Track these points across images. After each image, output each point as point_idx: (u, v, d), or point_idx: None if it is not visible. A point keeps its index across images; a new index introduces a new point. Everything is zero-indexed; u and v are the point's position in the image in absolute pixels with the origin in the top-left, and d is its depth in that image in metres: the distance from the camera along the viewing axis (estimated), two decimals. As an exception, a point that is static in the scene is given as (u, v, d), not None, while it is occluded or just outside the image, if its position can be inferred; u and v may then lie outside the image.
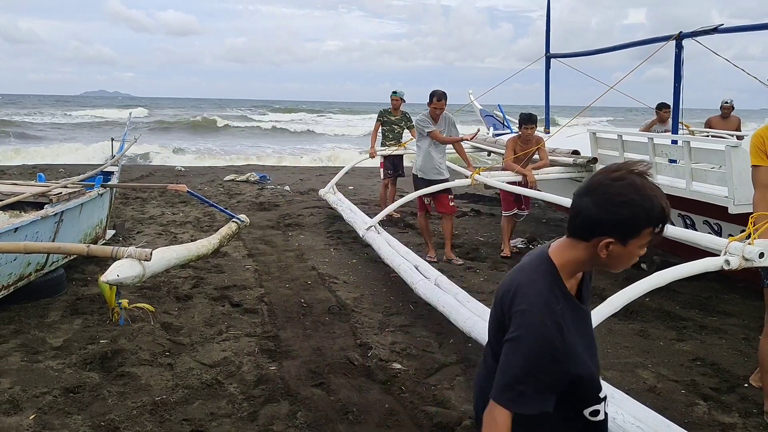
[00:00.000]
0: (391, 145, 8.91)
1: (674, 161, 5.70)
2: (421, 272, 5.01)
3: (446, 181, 6.53)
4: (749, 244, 2.77)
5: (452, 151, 6.98)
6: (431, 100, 6.38)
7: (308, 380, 3.66)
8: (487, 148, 9.45)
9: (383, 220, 6.99)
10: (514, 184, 6.45)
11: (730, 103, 9.29)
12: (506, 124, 10.68)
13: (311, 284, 5.63)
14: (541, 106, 10.03)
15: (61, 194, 5.34)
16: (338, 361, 3.93)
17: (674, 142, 5.84)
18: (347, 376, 3.74)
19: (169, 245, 5.48)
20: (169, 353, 3.99)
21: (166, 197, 10.23)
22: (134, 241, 7.09)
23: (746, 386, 3.65)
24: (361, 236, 6.65)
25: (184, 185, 6.15)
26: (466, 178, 6.73)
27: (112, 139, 7.63)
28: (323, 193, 9.21)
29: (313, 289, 5.50)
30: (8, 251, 3.91)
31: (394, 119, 8.96)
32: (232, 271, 6.00)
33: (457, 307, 4.13)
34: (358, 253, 6.84)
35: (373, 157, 8.96)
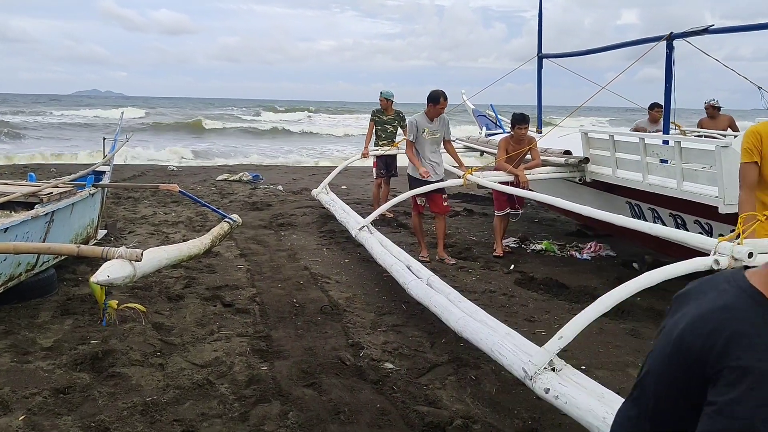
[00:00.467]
0: (384, 144, 8.91)
1: (665, 161, 5.73)
2: (413, 272, 5.02)
3: (440, 181, 6.54)
4: (738, 243, 2.78)
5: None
6: (438, 100, 6.37)
7: (300, 380, 3.65)
8: (479, 147, 9.47)
9: (376, 219, 6.99)
10: (506, 184, 6.47)
11: (709, 102, 9.33)
12: (498, 124, 10.70)
13: (303, 284, 5.62)
14: (534, 106, 10.04)
15: (51, 194, 5.31)
16: (330, 361, 3.93)
17: (665, 142, 5.87)
18: (339, 376, 3.73)
19: (160, 245, 5.47)
20: (160, 353, 3.98)
21: (158, 197, 10.20)
22: (126, 241, 7.07)
23: (736, 385, 3.66)
24: (353, 236, 6.65)
25: (176, 185, 6.13)
26: (458, 178, 6.74)
27: (103, 138, 7.60)
28: (316, 193, 9.20)
29: (305, 288, 5.49)
30: (-2, 251, 3.89)
31: (386, 118, 8.96)
32: (224, 271, 5.99)
33: (449, 306, 4.14)
34: (350, 252, 6.84)
35: (366, 157, 8.97)
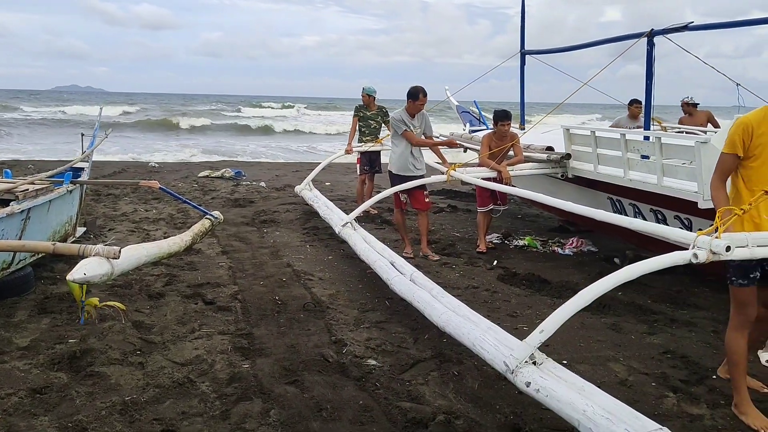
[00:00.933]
0: (367, 140, 8.89)
1: (647, 157, 5.77)
2: (397, 268, 5.01)
3: (422, 177, 6.53)
4: (716, 237, 2.80)
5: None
6: (418, 96, 6.34)
7: (282, 378, 3.63)
8: (463, 144, 9.47)
9: (360, 216, 6.97)
10: (489, 180, 6.48)
11: (685, 99, 9.44)
12: (482, 120, 10.72)
13: (286, 281, 5.59)
14: (518, 102, 10.07)
15: (28, 191, 5.22)
16: (313, 358, 3.91)
17: (646, 138, 5.91)
18: (321, 373, 3.71)
19: (141, 242, 5.41)
20: (140, 352, 3.93)
21: (139, 194, 10.09)
22: (106, 238, 6.98)
23: (714, 378, 3.71)
24: (337, 233, 6.63)
25: (156, 182, 6.06)
26: (441, 174, 6.74)
27: (82, 134, 7.48)
28: (299, 189, 9.17)
29: (288, 286, 5.46)
30: (-28, 249, 3.82)
31: (370, 114, 8.94)
32: (205, 268, 5.93)
33: (432, 302, 4.14)
34: (334, 249, 6.82)
35: (349, 153, 8.94)
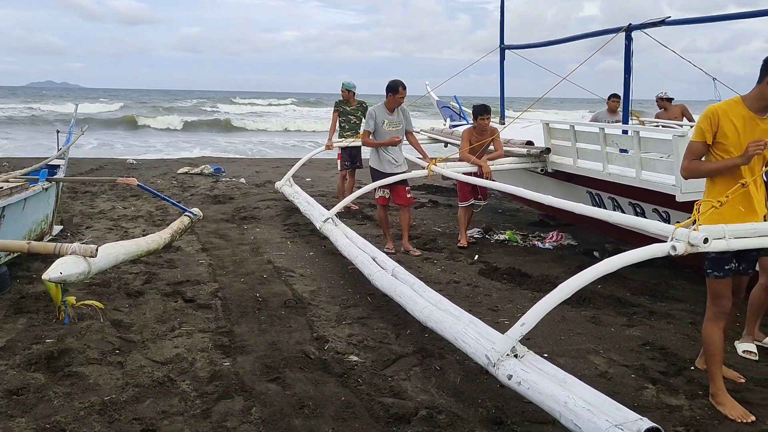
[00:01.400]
0: (348, 135, 8.86)
1: (625, 151, 5.82)
2: (378, 263, 5.00)
3: (403, 172, 6.52)
4: (694, 230, 2.83)
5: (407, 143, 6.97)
6: (397, 90, 6.32)
7: (263, 375, 3.60)
8: (443, 139, 9.49)
9: (341, 211, 6.95)
10: (470, 174, 6.49)
11: (660, 95, 9.57)
12: (462, 115, 10.74)
13: (267, 278, 5.56)
14: (498, 97, 10.10)
15: (2, 189, 5.12)
16: (294, 355, 3.89)
17: (625, 132, 5.96)
18: (303, 370, 3.70)
19: (119, 240, 5.34)
20: (119, 351, 3.88)
21: (117, 191, 9.97)
22: (83, 236, 6.88)
23: (692, 369, 3.76)
24: (318, 228, 6.60)
25: (134, 178, 5.99)
26: (422, 169, 6.74)
27: (57, 131, 7.37)
28: (279, 185, 9.12)
29: (268, 282, 5.43)
30: (-56, 249, 3.73)
31: (350, 109, 8.91)
32: (185, 265, 5.88)
33: (413, 297, 4.14)
34: (315, 245, 6.79)
35: (330, 148, 8.90)
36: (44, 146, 18.10)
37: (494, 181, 6.49)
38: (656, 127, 8.23)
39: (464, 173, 6.48)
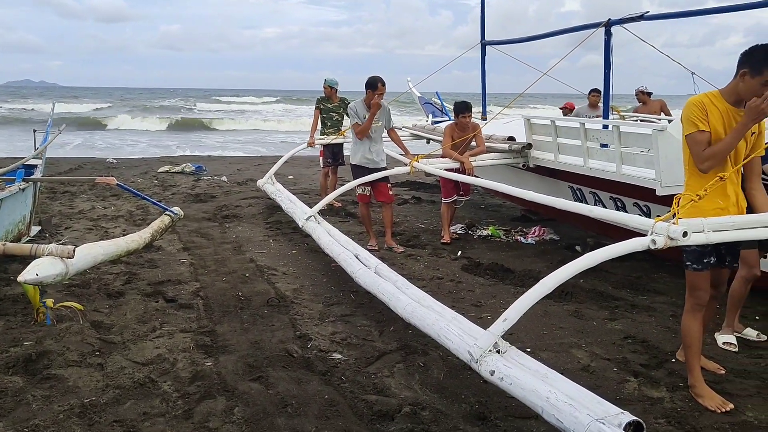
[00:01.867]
0: (330, 132, 8.83)
1: (606, 146, 5.86)
2: (361, 261, 4.99)
3: (384, 169, 6.51)
4: (674, 223, 2.85)
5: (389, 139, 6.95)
6: (376, 86, 6.26)
7: (246, 375, 3.58)
8: (426, 135, 9.49)
9: (324, 209, 6.92)
10: (452, 170, 6.50)
11: (639, 89, 9.66)
12: (444, 111, 10.74)
13: (249, 277, 5.52)
14: (480, 93, 10.11)
15: (-23, 190, 5.03)
16: (277, 353, 3.86)
17: (605, 126, 6.00)
18: (286, 368, 3.67)
19: (99, 240, 5.26)
20: (99, 353, 3.83)
21: (96, 191, 9.84)
22: (62, 237, 6.78)
23: (673, 361, 3.79)
24: (300, 226, 6.57)
25: (113, 178, 5.91)
26: (405, 165, 6.73)
27: (34, 130, 7.25)
28: (261, 183, 9.06)
29: (251, 281, 5.39)
30: None
31: (331, 106, 8.88)
32: (166, 265, 5.82)
33: (396, 294, 4.13)
34: (298, 243, 6.76)
35: (312, 146, 8.86)
36: (21, 146, 17.84)
37: (476, 176, 6.50)
38: (636, 121, 8.30)
39: (446, 169, 6.48)
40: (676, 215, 2.91)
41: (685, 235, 2.81)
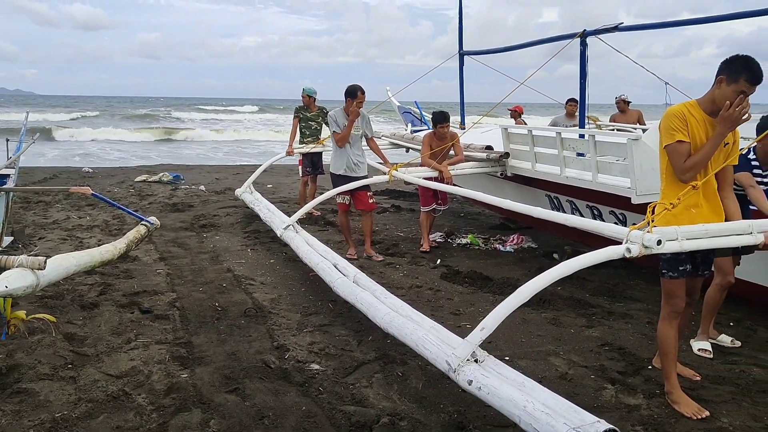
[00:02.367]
0: (309, 141, 8.82)
1: (582, 155, 5.91)
2: (340, 270, 4.96)
3: (364, 178, 6.50)
4: (648, 232, 2.88)
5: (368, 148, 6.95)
6: (356, 94, 6.26)
7: (222, 386, 3.53)
8: (405, 144, 9.51)
9: (303, 218, 6.89)
10: (431, 179, 6.51)
11: (620, 97, 9.81)
12: (423, 120, 10.79)
13: (227, 287, 5.46)
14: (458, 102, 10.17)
15: (-53, 200, 4.93)
16: (254, 365, 3.82)
17: (582, 136, 6.06)
18: (263, 379, 3.63)
19: (73, 251, 5.17)
20: (71, 366, 3.75)
21: (71, 200, 9.69)
22: (35, 247, 6.67)
23: (650, 368, 3.82)
24: (279, 236, 6.52)
25: (88, 187, 5.81)
26: (384, 174, 6.73)
27: (7, 139, 7.14)
28: (240, 192, 8.99)
29: (228, 291, 5.33)
30: None
31: (310, 115, 8.87)
32: (142, 275, 5.74)
33: (375, 303, 4.11)
34: (276, 253, 6.71)
35: (290, 154, 8.83)
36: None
37: (456, 185, 6.52)
38: (612, 131, 8.40)
39: (426, 178, 6.49)
40: (650, 223, 2.94)
41: (659, 243, 2.84)
